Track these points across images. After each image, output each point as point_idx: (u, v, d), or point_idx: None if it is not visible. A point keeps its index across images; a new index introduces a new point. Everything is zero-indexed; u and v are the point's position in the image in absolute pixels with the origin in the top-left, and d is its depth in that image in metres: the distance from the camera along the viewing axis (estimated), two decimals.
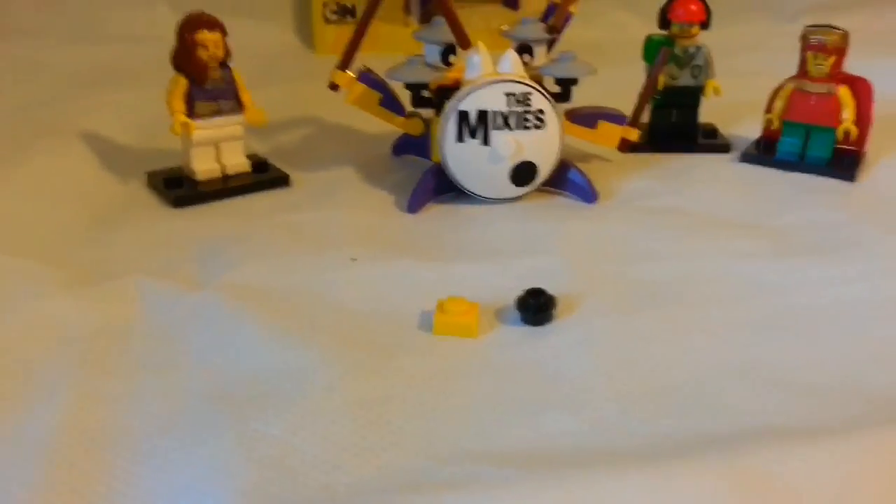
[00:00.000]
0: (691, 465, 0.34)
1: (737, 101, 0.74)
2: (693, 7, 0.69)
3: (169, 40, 0.61)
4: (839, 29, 0.65)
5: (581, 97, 0.64)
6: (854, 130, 0.65)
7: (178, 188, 0.62)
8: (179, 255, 0.53)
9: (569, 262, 0.53)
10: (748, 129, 0.73)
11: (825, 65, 0.65)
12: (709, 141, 0.72)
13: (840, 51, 0.64)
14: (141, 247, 0.55)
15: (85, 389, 0.40)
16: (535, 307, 0.46)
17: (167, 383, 0.41)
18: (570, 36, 0.67)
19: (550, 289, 0.47)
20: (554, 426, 0.38)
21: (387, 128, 0.67)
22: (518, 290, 0.47)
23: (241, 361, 0.42)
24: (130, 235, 0.56)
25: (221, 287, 0.49)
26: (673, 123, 0.72)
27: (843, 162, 0.66)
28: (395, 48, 0.62)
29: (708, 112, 0.73)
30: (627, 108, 0.65)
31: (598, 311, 0.48)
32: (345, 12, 1.06)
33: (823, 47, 0.64)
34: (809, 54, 0.65)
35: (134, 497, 0.34)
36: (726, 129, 0.74)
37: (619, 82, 0.68)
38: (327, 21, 1.05)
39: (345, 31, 0.64)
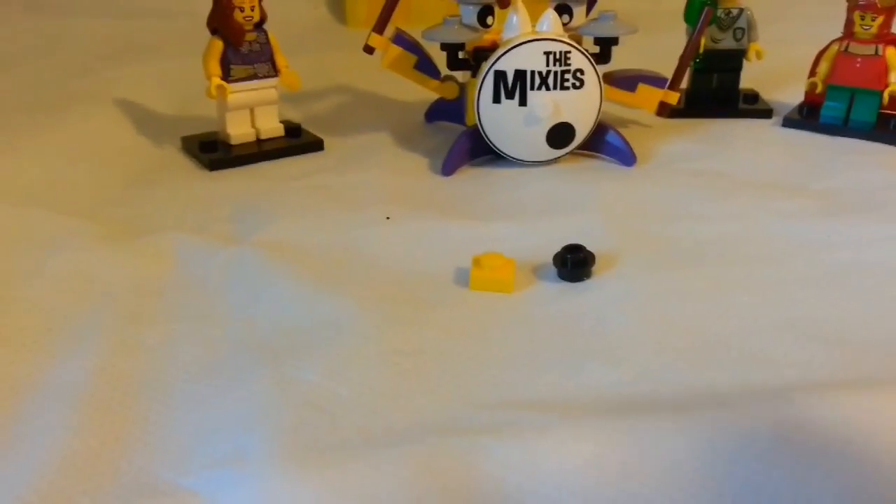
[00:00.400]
0: (732, 415, 0.33)
1: (779, 67, 0.72)
2: None
3: (201, 15, 0.61)
4: None
5: (619, 64, 0.62)
6: None
7: (213, 152, 0.62)
8: (215, 214, 0.53)
9: (607, 221, 0.52)
10: (791, 95, 0.71)
11: (873, 25, 0.63)
12: (750, 106, 0.71)
13: (890, 10, 0.62)
14: (177, 206, 0.55)
15: (121, 338, 0.40)
16: (573, 262, 0.45)
17: (202, 333, 0.41)
18: (607, 5, 0.66)
19: (589, 247, 0.46)
20: (593, 377, 0.37)
21: (420, 95, 0.67)
22: (555, 247, 0.46)
23: (276, 312, 0.42)
24: (167, 195, 0.56)
25: (256, 243, 0.49)
26: (714, 88, 0.70)
27: (889, 126, 0.64)
28: (430, 21, 0.61)
29: (749, 78, 0.71)
30: (667, 75, 0.63)
31: (638, 268, 0.47)
32: None
33: (872, 6, 0.62)
34: (857, 14, 0.63)
35: (170, 438, 0.34)
36: (768, 95, 0.72)
37: (657, 50, 0.67)
38: None
39: (376, 5, 0.63)
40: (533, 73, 0.57)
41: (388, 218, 0.52)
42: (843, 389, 0.35)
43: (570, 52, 0.57)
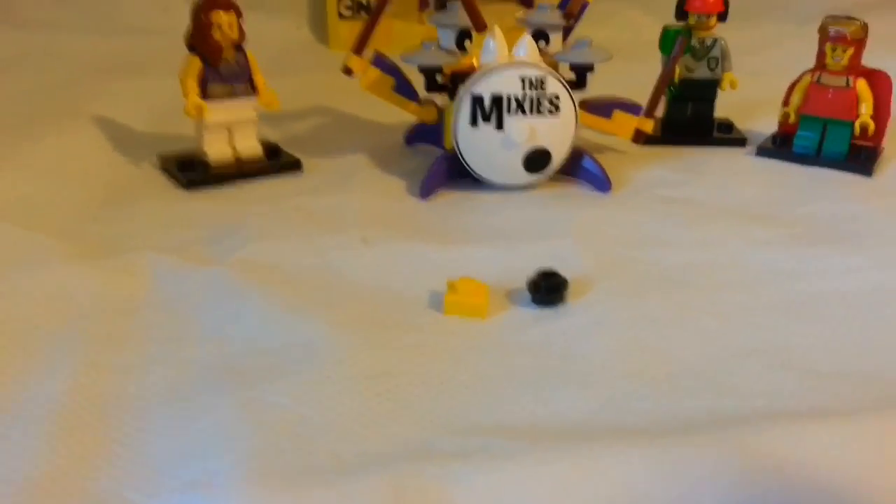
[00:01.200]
0: (698, 442, 0.34)
1: (753, 97, 0.73)
2: None
3: (181, 34, 0.61)
4: (858, 20, 0.64)
5: (597, 92, 0.63)
6: (871, 125, 0.65)
7: (191, 171, 0.62)
8: (191, 234, 0.53)
9: (581, 247, 0.52)
10: (764, 125, 0.72)
11: (844, 56, 0.64)
12: (724, 135, 0.72)
13: (859, 42, 0.64)
14: (152, 225, 0.55)
15: (93, 359, 0.40)
16: (547, 288, 0.46)
17: (175, 355, 0.41)
18: (584, 34, 0.66)
19: (563, 272, 0.46)
20: (563, 403, 0.37)
21: (399, 118, 0.67)
22: (529, 272, 0.46)
23: (249, 335, 0.42)
24: (142, 215, 0.56)
25: (232, 264, 0.49)
26: (689, 116, 0.71)
27: (860, 156, 0.66)
28: (409, 45, 0.62)
29: (724, 107, 0.72)
30: (643, 102, 0.64)
31: (610, 294, 0.47)
32: (359, 8, 1.06)
33: (843, 38, 0.63)
34: (828, 45, 0.64)
35: (139, 459, 0.34)
36: (742, 125, 0.73)
37: (633, 79, 0.67)
38: (342, 17, 1.05)
39: (359, 27, 0.64)
40: (509, 97, 0.57)
41: (364, 240, 0.52)
42: (811, 419, 0.36)
43: (546, 77, 0.57)
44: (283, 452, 0.33)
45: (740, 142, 0.71)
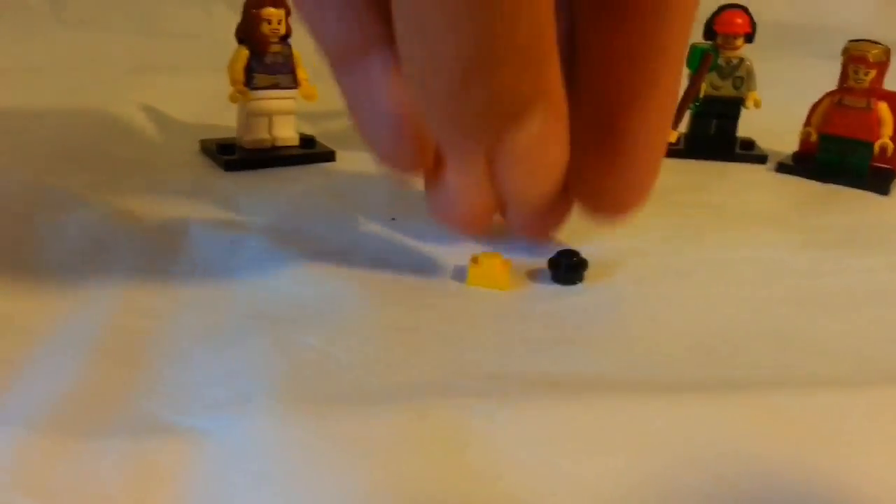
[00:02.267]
0: (709, 398, 0.35)
1: (776, 118, 0.75)
2: (738, 20, 0.71)
3: (221, 38, 0.64)
4: (882, 44, 0.66)
5: None
6: (891, 146, 0.66)
7: (230, 154, 0.65)
8: (227, 206, 0.56)
9: (601, 240, 0.54)
10: (785, 145, 0.74)
11: (865, 79, 0.66)
12: (746, 152, 0.74)
13: (882, 65, 0.66)
14: (191, 198, 0.57)
15: (128, 302, 0.42)
16: (567, 266, 0.47)
17: (209, 301, 0.43)
18: None
19: (582, 252, 0.48)
20: (580, 362, 0.39)
21: None
22: (551, 252, 0.48)
23: (280, 289, 0.44)
24: (182, 187, 0.59)
25: (264, 230, 0.51)
26: (712, 132, 0.73)
27: (879, 176, 0.67)
28: None
29: (747, 127, 0.74)
30: None
31: (628, 279, 0.49)
32: None
33: (864, 59, 0.65)
34: (850, 67, 0.66)
35: (173, 386, 0.35)
36: (764, 144, 0.75)
37: None
38: None
39: None
40: None
41: (393, 219, 0.54)
42: (815, 386, 0.37)
43: None
44: (310, 382, 0.35)
45: (761, 158, 0.73)
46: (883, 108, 0.67)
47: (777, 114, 0.74)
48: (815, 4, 1.16)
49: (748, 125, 0.74)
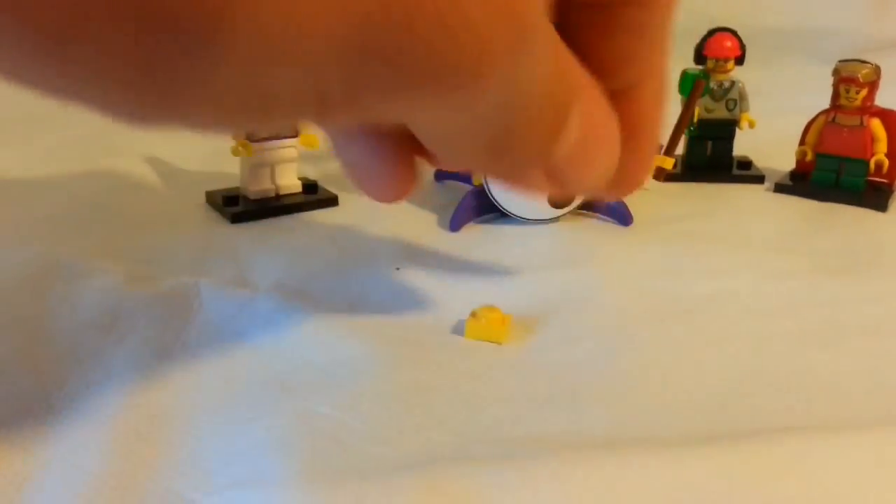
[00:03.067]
0: (715, 453, 0.36)
1: (771, 135, 0.76)
2: (728, 43, 0.72)
3: None
4: (871, 64, 0.67)
5: None
6: (886, 162, 0.67)
7: (235, 205, 0.66)
8: (235, 263, 0.57)
9: (604, 277, 0.55)
10: (782, 162, 0.75)
11: (857, 98, 0.67)
12: (743, 172, 0.74)
13: (872, 84, 0.67)
14: (200, 254, 0.58)
15: (147, 373, 0.43)
16: None
17: (222, 373, 0.44)
18: None
19: (586, 301, 0.49)
20: (584, 418, 0.40)
21: None
22: (552, 304, 0.50)
23: (292, 353, 0.45)
24: (191, 244, 0.60)
25: (273, 288, 0.52)
26: (709, 155, 0.74)
27: (875, 193, 0.68)
28: None
29: (743, 145, 0.75)
30: (663, 142, 0.68)
31: (631, 320, 0.50)
32: None
33: (855, 80, 0.66)
34: (842, 87, 0.67)
35: (193, 463, 0.37)
36: (760, 162, 0.76)
37: None
38: None
39: None
40: None
41: (397, 269, 0.56)
42: (825, 432, 0.38)
43: None
44: (328, 454, 0.36)
45: (759, 179, 0.74)
46: (876, 124, 0.67)
47: (773, 126, 0.75)
48: (809, 8, 1.17)
49: (745, 141, 0.74)
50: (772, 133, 0.75)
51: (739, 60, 0.72)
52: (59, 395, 0.41)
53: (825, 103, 0.69)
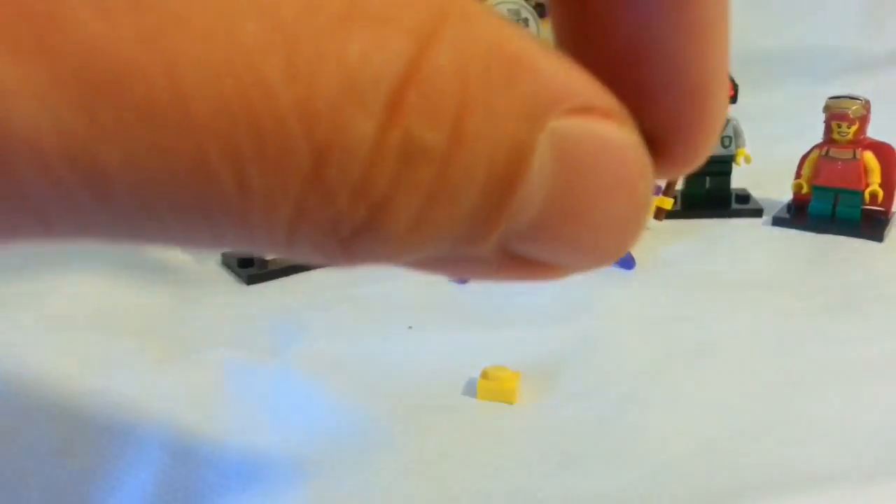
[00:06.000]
0: None
1: (768, 164, 0.78)
2: None
3: None
4: (860, 98, 0.69)
5: None
6: (880, 192, 0.69)
7: (250, 267, 0.68)
8: (253, 329, 0.59)
9: (608, 327, 0.57)
10: (779, 192, 0.76)
11: (849, 132, 0.69)
12: (742, 206, 0.76)
13: (863, 118, 0.68)
14: (219, 321, 0.61)
15: (175, 449, 0.46)
16: None
17: (248, 453, 0.46)
18: None
19: (593, 351, 0.51)
20: (597, 479, 0.42)
21: None
22: (560, 358, 0.52)
23: (310, 424, 0.47)
24: (210, 312, 0.62)
25: (292, 357, 0.54)
26: (707, 190, 0.76)
27: (872, 223, 0.70)
28: None
29: (741, 177, 0.77)
30: (660, 182, 0.69)
31: (637, 372, 0.52)
32: None
33: (846, 116, 0.68)
34: (833, 123, 0.69)
35: None
36: (758, 193, 0.78)
37: None
38: None
39: None
40: None
41: (410, 327, 0.58)
42: (831, 486, 0.40)
43: None
44: None
45: (757, 212, 0.75)
46: (869, 157, 0.69)
47: (769, 153, 0.76)
48: (801, 27, 1.18)
49: (740, 175, 0.76)
50: (768, 160, 0.77)
51: (732, 99, 0.74)
52: (94, 475, 0.44)
53: (820, 123, 0.71)
